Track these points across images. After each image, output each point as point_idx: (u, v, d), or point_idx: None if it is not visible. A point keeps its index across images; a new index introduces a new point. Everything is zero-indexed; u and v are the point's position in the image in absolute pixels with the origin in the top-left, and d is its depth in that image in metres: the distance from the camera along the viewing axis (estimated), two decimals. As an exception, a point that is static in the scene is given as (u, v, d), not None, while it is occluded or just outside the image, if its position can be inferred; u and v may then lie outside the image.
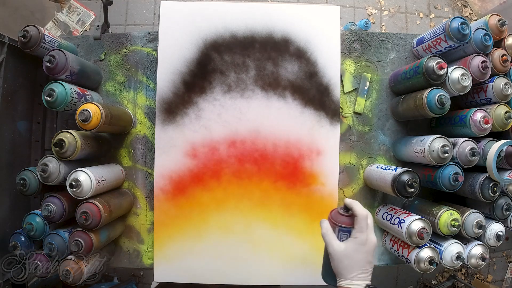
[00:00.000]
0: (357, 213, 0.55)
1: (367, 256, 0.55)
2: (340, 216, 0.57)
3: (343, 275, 0.55)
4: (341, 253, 0.55)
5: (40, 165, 0.66)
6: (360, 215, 0.55)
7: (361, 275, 0.54)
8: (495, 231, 0.72)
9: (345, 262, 0.55)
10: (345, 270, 0.55)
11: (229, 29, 0.79)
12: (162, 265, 0.78)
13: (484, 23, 0.73)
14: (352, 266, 0.54)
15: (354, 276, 0.54)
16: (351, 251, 0.55)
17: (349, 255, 0.55)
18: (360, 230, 0.55)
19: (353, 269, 0.54)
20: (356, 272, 0.54)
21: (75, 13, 1.82)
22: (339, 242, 0.56)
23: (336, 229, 0.57)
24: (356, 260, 0.54)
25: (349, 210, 0.56)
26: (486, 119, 0.68)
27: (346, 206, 0.56)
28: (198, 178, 0.78)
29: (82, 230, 0.65)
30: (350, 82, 0.84)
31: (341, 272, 0.55)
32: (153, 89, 0.82)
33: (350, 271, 0.54)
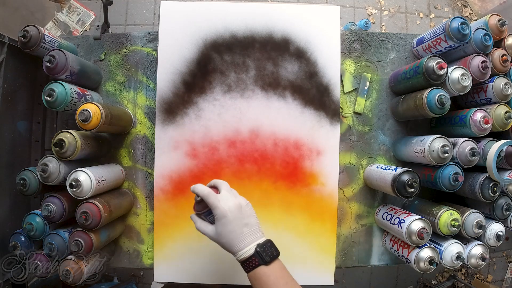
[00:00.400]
0: (201, 194, 0.56)
1: (237, 222, 0.54)
2: (197, 205, 0.58)
3: (232, 251, 0.55)
4: (216, 235, 0.56)
5: (40, 165, 0.66)
6: (202, 195, 0.56)
7: (243, 241, 0.54)
8: (495, 231, 0.72)
9: (224, 239, 0.55)
10: (229, 246, 0.55)
11: (229, 29, 0.79)
12: (162, 265, 0.78)
13: (484, 23, 0.73)
14: (232, 239, 0.54)
15: (238, 247, 0.54)
16: (221, 228, 0.55)
17: (222, 232, 0.55)
18: (213, 207, 0.55)
19: (233, 242, 0.54)
20: (238, 242, 0.54)
21: (75, 13, 1.82)
22: (211, 227, 0.57)
23: (203, 217, 0.58)
24: (229, 232, 0.54)
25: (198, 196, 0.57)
26: (486, 119, 0.68)
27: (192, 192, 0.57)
28: (198, 178, 0.78)
29: (82, 230, 0.65)
30: (350, 82, 0.84)
31: (230, 250, 0.55)
32: (153, 89, 0.82)
33: (232, 244, 0.54)
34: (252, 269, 0.53)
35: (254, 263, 0.53)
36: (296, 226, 0.78)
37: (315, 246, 0.78)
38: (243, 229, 0.55)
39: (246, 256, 0.53)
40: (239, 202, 0.56)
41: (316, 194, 0.79)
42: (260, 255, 0.53)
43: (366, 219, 0.83)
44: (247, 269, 0.54)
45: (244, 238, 0.54)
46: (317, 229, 0.79)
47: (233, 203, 0.56)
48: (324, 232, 0.79)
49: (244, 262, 0.54)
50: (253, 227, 0.56)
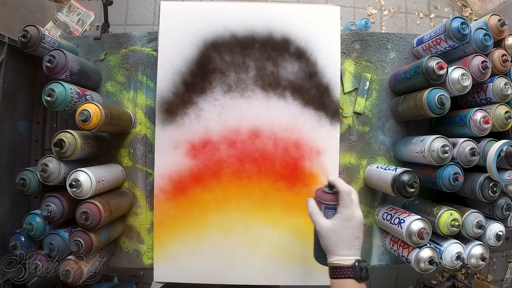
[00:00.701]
0: (341, 189, 0.56)
1: (354, 231, 0.55)
2: (325, 194, 0.58)
3: (332, 252, 0.55)
4: (329, 230, 0.55)
5: (40, 165, 0.66)
6: (343, 191, 0.56)
7: (350, 250, 0.54)
8: (495, 231, 0.72)
9: (333, 238, 0.55)
10: (333, 246, 0.55)
11: (229, 29, 0.79)
12: (162, 265, 0.78)
13: (484, 23, 0.73)
14: (340, 242, 0.55)
15: (343, 252, 0.54)
16: (338, 227, 0.55)
17: (336, 231, 0.55)
18: (344, 206, 0.55)
19: (341, 245, 0.55)
20: (345, 248, 0.54)
21: (75, 13, 1.82)
22: (326, 220, 0.57)
23: (322, 207, 0.58)
24: (344, 236, 0.55)
25: (333, 187, 0.57)
26: (486, 119, 0.68)
27: (330, 183, 0.57)
28: (198, 178, 0.78)
29: (82, 230, 0.65)
30: (350, 82, 0.84)
31: (330, 249, 0.55)
32: (153, 89, 0.82)
33: (339, 247, 0.55)
34: (341, 278, 0.53)
35: (348, 273, 0.53)
36: (296, 226, 0.78)
37: (315, 246, 0.78)
38: (354, 240, 0.55)
39: (343, 264, 0.53)
40: (362, 217, 0.57)
41: (316, 194, 0.79)
42: (357, 270, 0.53)
43: (366, 219, 0.83)
44: (336, 275, 0.54)
45: (351, 248, 0.55)
46: (317, 229, 0.78)
47: (361, 214, 0.56)
48: (324, 232, 0.78)
49: (336, 268, 0.54)
50: (360, 244, 0.56)
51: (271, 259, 0.78)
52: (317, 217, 0.58)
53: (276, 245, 0.78)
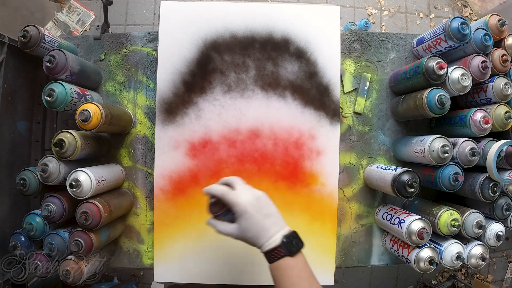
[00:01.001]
0: (216, 194, 0.55)
1: (259, 216, 0.54)
2: (212, 207, 0.58)
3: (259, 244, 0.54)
4: (241, 232, 0.55)
5: (40, 165, 0.66)
6: (219, 195, 0.55)
7: (269, 231, 0.53)
8: (495, 231, 0.72)
9: (249, 234, 0.54)
10: (255, 240, 0.54)
11: (229, 29, 0.79)
12: (162, 265, 0.78)
13: (484, 23, 0.73)
14: (257, 232, 0.54)
15: (264, 238, 0.53)
16: (244, 224, 0.54)
17: (245, 229, 0.54)
18: (233, 204, 0.54)
19: (259, 234, 0.53)
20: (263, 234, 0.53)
21: (75, 13, 1.82)
22: (233, 225, 0.55)
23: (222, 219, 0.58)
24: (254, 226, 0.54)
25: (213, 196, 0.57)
26: (486, 119, 0.68)
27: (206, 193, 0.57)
28: (198, 178, 0.78)
29: (82, 230, 0.65)
30: (350, 82, 0.84)
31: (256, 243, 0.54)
32: (153, 89, 0.82)
33: (259, 237, 0.54)
34: (276, 260, 0.52)
35: (279, 254, 0.52)
36: (296, 226, 0.77)
37: (315, 246, 0.78)
38: (265, 221, 0.54)
39: (271, 247, 0.52)
40: (256, 193, 0.56)
41: (316, 194, 0.79)
42: (286, 245, 0.52)
43: (366, 219, 0.83)
44: (271, 259, 0.52)
45: (268, 229, 0.53)
46: (317, 229, 0.79)
47: (251, 196, 0.55)
48: (324, 232, 0.79)
49: (268, 253, 0.53)
50: (274, 217, 0.55)
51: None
52: (225, 229, 0.56)
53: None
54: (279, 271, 0.52)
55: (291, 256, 0.52)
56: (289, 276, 0.51)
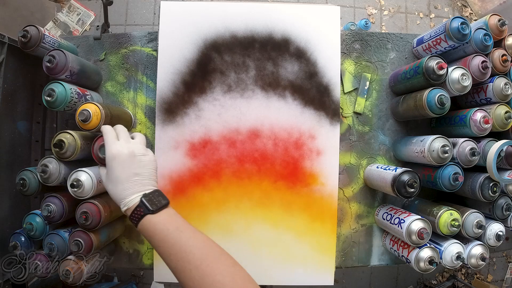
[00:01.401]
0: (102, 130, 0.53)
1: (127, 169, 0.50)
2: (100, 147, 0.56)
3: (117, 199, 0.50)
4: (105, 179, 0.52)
5: (40, 166, 0.65)
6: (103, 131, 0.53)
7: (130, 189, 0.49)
8: (495, 231, 0.72)
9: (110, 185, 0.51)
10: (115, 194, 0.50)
11: (229, 29, 0.79)
12: (162, 265, 0.77)
13: (484, 23, 0.73)
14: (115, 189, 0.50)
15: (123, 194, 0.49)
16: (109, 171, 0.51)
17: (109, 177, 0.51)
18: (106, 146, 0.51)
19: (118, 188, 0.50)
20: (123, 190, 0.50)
21: (75, 13, 1.82)
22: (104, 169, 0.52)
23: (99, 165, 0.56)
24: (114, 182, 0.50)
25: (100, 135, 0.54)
26: (486, 119, 0.68)
27: None
28: (198, 178, 0.78)
29: (82, 230, 0.65)
30: (350, 82, 0.84)
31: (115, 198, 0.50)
32: (153, 89, 0.82)
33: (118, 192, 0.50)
34: (139, 221, 0.48)
35: (139, 213, 0.48)
36: (296, 226, 0.78)
37: (315, 246, 0.78)
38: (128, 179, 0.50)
39: (131, 206, 0.49)
40: (133, 150, 0.52)
41: (316, 194, 0.79)
42: (145, 204, 0.48)
43: (366, 219, 0.83)
44: (135, 221, 0.49)
45: (130, 187, 0.49)
46: (317, 229, 0.79)
47: (125, 150, 0.51)
48: (324, 232, 0.79)
49: (131, 216, 0.49)
50: (144, 179, 0.51)
51: (271, 259, 0.78)
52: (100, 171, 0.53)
53: (276, 245, 0.78)
54: (145, 232, 0.48)
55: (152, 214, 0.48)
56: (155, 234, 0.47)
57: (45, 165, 0.66)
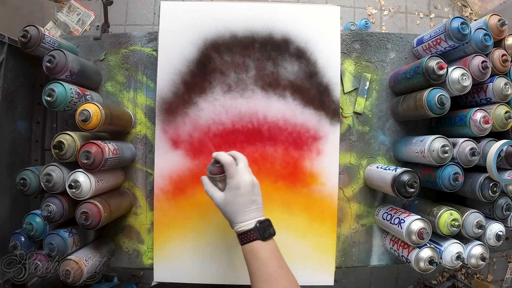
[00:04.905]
0: (222, 161, 0.59)
1: (247, 197, 0.58)
2: (212, 168, 0.61)
3: (233, 221, 0.58)
4: (223, 202, 0.59)
5: (44, 176, 0.65)
6: (225, 162, 0.59)
7: (248, 215, 0.57)
8: (495, 231, 0.72)
9: (229, 209, 0.58)
10: (232, 216, 0.58)
11: (229, 29, 0.79)
12: (162, 265, 0.78)
13: (484, 23, 0.73)
14: (236, 210, 0.57)
15: (241, 219, 0.57)
16: (230, 198, 0.58)
17: (230, 202, 0.58)
18: (230, 177, 0.58)
19: (238, 213, 0.57)
20: (242, 215, 0.57)
21: (75, 13, 1.82)
22: (220, 193, 0.60)
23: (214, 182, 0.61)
24: (237, 204, 0.57)
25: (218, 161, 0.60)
26: (486, 119, 0.68)
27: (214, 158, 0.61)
28: (198, 178, 0.77)
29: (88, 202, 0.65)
30: (350, 82, 0.84)
31: (230, 219, 0.59)
32: (153, 89, 0.82)
33: (236, 215, 0.58)
34: (248, 242, 0.56)
35: (252, 236, 0.56)
36: (296, 226, 0.78)
37: (315, 246, 0.78)
38: (250, 205, 0.58)
39: (245, 229, 0.56)
40: (253, 180, 0.60)
41: (316, 194, 0.79)
42: (259, 230, 0.56)
43: (366, 219, 0.83)
44: (243, 241, 0.57)
45: (248, 213, 0.57)
46: (317, 229, 0.79)
47: (248, 179, 0.59)
48: (324, 232, 0.79)
49: (241, 234, 0.57)
50: (258, 206, 0.59)
51: (271, 259, 0.78)
52: (212, 192, 0.60)
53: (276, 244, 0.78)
54: (251, 254, 0.56)
55: (262, 241, 0.56)
56: (259, 258, 0.55)
57: (49, 174, 0.65)
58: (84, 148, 0.64)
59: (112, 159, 0.69)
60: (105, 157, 0.66)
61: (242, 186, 0.58)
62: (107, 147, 0.67)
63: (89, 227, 0.64)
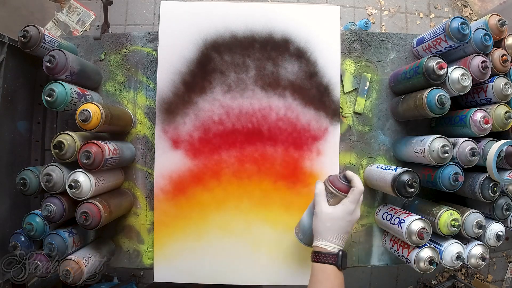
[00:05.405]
0: (356, 185, 0.59)
1: (349, 225, 0.59)
2: (339, 183, 0.60)
3: (322, 236, 0.59)
4: (328, 215, 0.59)
5: (44, 176, 0.65)
6: (358, 188, 0.59)
7: (338, 240, 0.59)
8: (495, 231, 0.72)
9: (328, 224, 0.59)
10: (325, 231, 0.59)
11: (229, 29, 0.79)
12: (162, 265, 0.78)
13: (484, 23, 0.73)
14: (333, 230, 0.58)
15: (332, 239, 0.58)
16: (338, 215, 0.59)
17: (334, 219, 0.59)
18: (352, 201, 0.59)
19: (333, 233, 0.58)
20: (335, 236, 0.58)
21: (75, 13, 1.82)
22: (328, 205, 0.60)
23: (329, 193, 0.61)
24: (338, 226, 0.58)
25: (348, 180, 0.60)
26: (486, 119, 0.68)
27: (346, 176, 0.60)
28: (198, 178, 0.78)
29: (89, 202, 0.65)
30: (350, 82, 0.84)
31: (321, 233, 0.59)
32: (153, 89, 0.82)
33: (330, 233, 0.58)
34: (324, 263, 0.57)
35: (331, 259, 0.57)
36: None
37: (315, 246, 0.78)
38: (345, 234, 0.59)
39: (327, 251, 0.57)
40: (358, 216, 0.61)
41: (316, 194, 0.79)
42: (340, 258, 0.57)
43: (366, 219, 0.83)
44: (319, 260, 0.57)
45: (340, 238, 0.59)
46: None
47: (359, 215, 0.61)
48: (324, 232, 0.78)
49: (321, 253, 0.58)
50: (347, 239, 0.61)
51: (271, 259, 0.78)
52: (321, 200, 0.60)
53: (276, 245, 0.78)
54: (325, 274, 0.57)
55: (338, 268, 0.57)
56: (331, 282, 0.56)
57: (49, 174, 0.65)
58: (84, 148, 0.64)
59: (112, 159, 0.69)
60: (105, 157, 0.66)
61: (354, 216, 0.59)
62: (107, 147, 0.67)
63: (89, 227, 0.64)
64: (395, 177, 0.68)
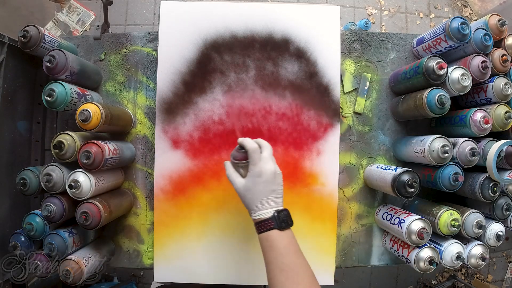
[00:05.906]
0: (247, 147, 0.59)
1: (267, 185, 0.57)
2: (237, 154, 0.60)
3: (251, 208, 0.58)
4: (243, 188, 0.59)
5: (44, 176, 0.65)
6: (250, 149, 0.58)
7: (267, 204, 0.57)
8: (495, 231, 0.72)
9: (248, 195, 0.58)
10: (250, 203, 0.58)
11: (229, 29, 0.79)
12: (162, 265, 0.78)
13: (484, 23, 0.73)
14: (255, 198, 0.57)
15: (260, 207, 0.57)
16: (250, 184, 0.58)
17: (250, 188, 0.58)
18: (253, 164, 0.58)
19: (257, 201, 0.57)
20: (261, 203, 0.57)
21: (75, 13, 1.82)
22: (241, 179, 0.59)
23: (237, 168, 0.61)
24: (258, 192, 0.57)
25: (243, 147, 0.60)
26: (486, 119, 0.68)
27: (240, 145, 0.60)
28: (198, 178, 0.78)
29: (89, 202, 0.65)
30: (350, 82, 0.84)
31: (249, 206, 0.58)
32: (153, 89, 0.82)
33: (255, 202, 0.57)
34: (265, 231, 0.56)
35: (269, 225, 0.55)
36: (296, 226, 0.78)
37: (315, 246, 0.78)
38: (270, 194, 0.57)
39: (263, 218, 0.56)
40: (276, 169, 0.59)
41: (316, 194, 0.79)
42: (277, 220, 0.56)
43: (366, 219, 0.83)
44: (260, 230, 0.56)
45: (267, 201, 0.57)
46: (317, 229, 0.79)
47: (271, 168, 0.58)
48: (324, 232, 0.79)
49: (259, 223, 0.56)
50: (278, 195, 0.59)
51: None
52: (233, 178, 0.60)
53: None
54: (268, 242, 0.55)
55: (280, 230, 0.55)
56: (276, 247, 0.54)
57: (49, 174, 0.65)
58: (84, 148, 0.64)
59: (112, 159, 0.69)
60: (105, 157, 0.66)
61: (264, 174, 0.57)
62: (107, 147, 0.67)
63: (89, 227, 0.64)
64: (395, 177, 0.68)
